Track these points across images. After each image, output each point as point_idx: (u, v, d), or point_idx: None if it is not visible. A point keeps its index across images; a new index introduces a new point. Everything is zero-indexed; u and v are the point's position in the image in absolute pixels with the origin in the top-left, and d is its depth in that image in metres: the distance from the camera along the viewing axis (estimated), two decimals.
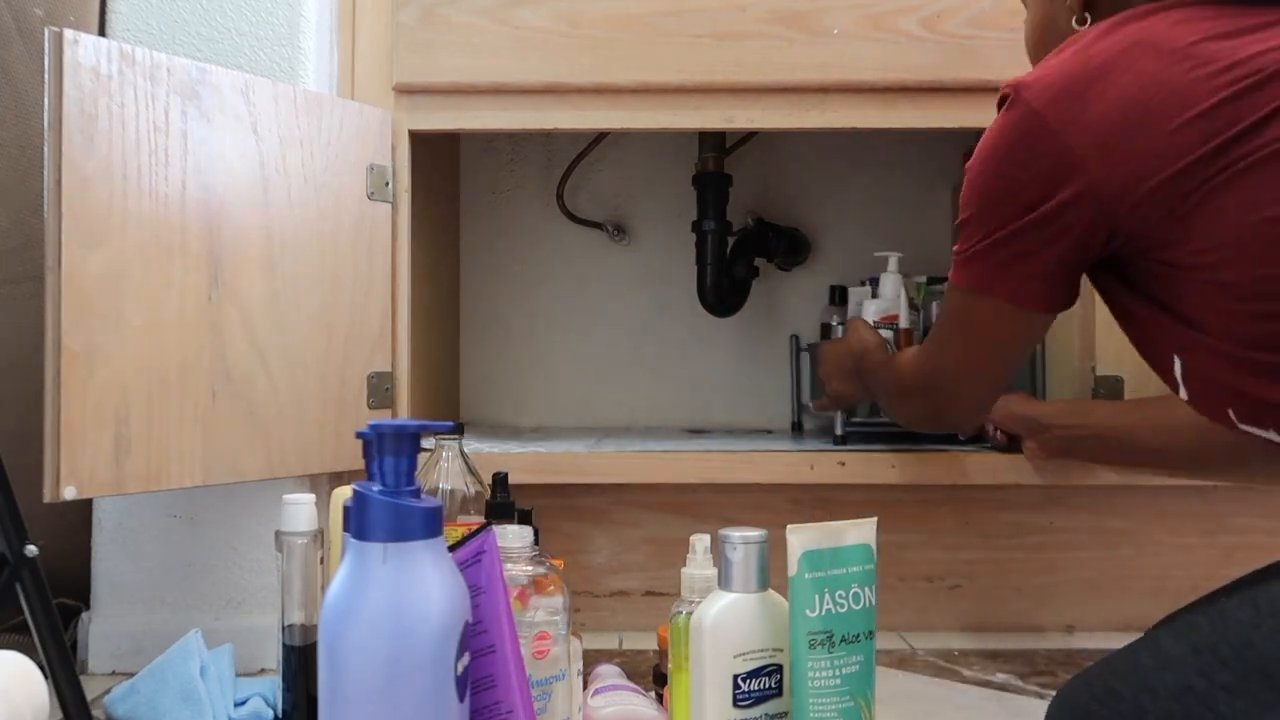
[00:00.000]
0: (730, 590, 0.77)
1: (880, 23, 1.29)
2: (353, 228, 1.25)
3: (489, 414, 1.86)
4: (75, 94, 0.99)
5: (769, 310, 1.86)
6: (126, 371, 1.02)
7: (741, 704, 0.75)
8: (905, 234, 1.81)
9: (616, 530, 1.40)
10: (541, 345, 1.87)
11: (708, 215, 1.75)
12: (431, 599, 0.61)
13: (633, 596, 1.39)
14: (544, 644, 0.80)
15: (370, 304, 1.27)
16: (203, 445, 1.08)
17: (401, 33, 1.30)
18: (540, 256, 1.87)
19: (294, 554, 0.92)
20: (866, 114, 1.31)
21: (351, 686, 0.60)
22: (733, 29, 1.29)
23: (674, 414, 1.84)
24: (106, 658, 1.22)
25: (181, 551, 1.24)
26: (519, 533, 0.85)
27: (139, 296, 1.03)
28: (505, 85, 1.30)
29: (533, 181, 1.87)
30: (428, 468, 1.00)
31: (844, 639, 0.75)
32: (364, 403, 1.26)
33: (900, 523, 1.37)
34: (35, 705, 0.88)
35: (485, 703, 0.70)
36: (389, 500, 0.62)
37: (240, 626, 1.22)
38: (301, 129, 1.19)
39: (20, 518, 0.83)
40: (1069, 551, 1.38)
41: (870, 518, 0.79)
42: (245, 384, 1.12)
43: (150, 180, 1.05)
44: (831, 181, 1.87)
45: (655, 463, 1.33)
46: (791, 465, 1.32)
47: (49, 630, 0.83)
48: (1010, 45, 1.29)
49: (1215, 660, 0.57)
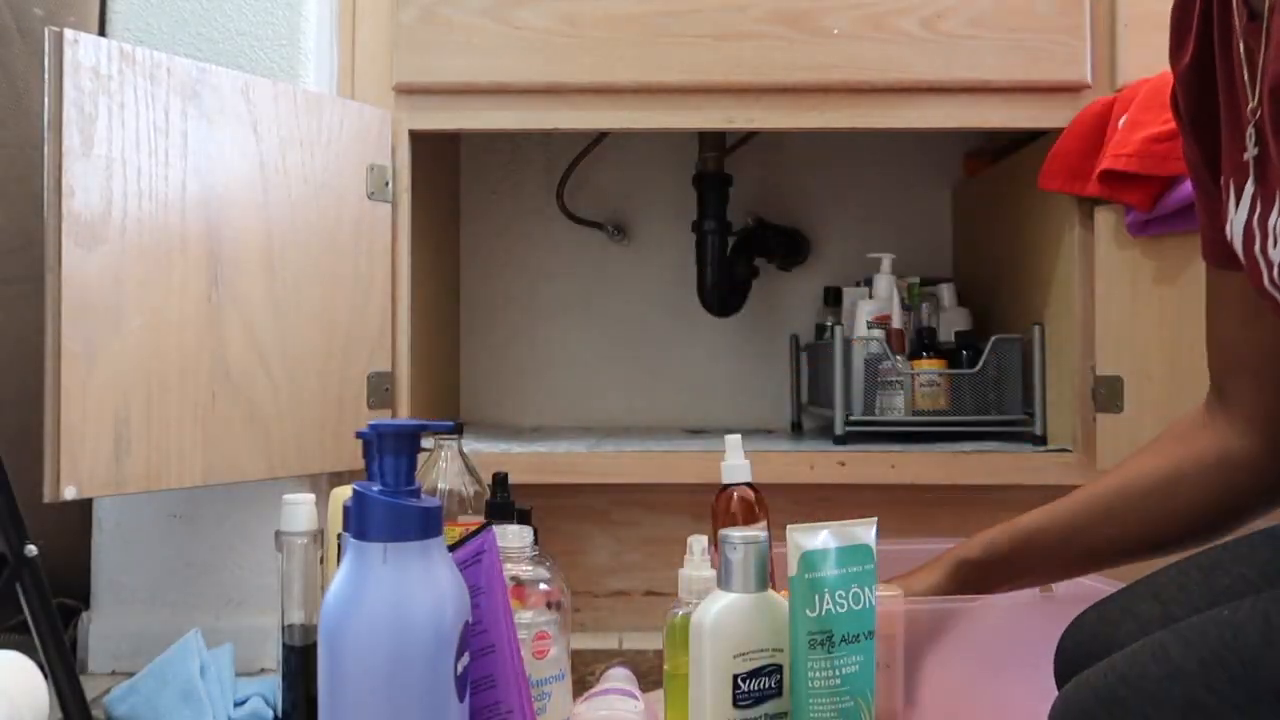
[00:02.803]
0: (730, 590, 0.77)
1: (880, 23, 1.29)
2: (353, 228, 1.25)
3: (489, 414, 1.85)
4: (75, 94, 0.99)
5: (769, 310, 1.86)
6: (126, 371, 1.02)
7: (741, 704, 0.75)
8: (905, 234, 1.81)
9: (616, 530, 1.40)
10: (541, 345, 1.87)
11: (708, 215, 1.75)
12: (431, 599, 0.61)
13: (633, 596, 1.39)
14: (544, 644, 0.81)
15: (370, 304, 1.27)
16: (203, 445, 1.08)
17: (401, 33, 1.30)
18: (540, 256, 1.87)
19: (294, 554, 0.92)
20: (866, 114, 1.31)
21: (351, 686, 0.60)
22: (733, 29, 1.29)
23: (674, 414, 1.84)
24: (106, 658, 1.22)
25: (181, 551, 1.24)
26: (519, 533, 0.85)
27: (139, 297, 1.03)
28: (505, 85, 1.30)
29: (533, 181, 1.87)
30: (427, 468, 1.00)
31: (844, 639, 0.75)
32: (364, 403, 1.26)
33: (900, 523, 1.37)
34: (35, 705, 0.88)
35: (485, 703, 0.70)
36: (389, 500, 0.62)
37: (240, 626, 1.22)
38: (301, 129, 1.19)
39: (20, 518, 0.83)
40: None
41: (870, 518, 0.79)
42: (245, 384, 1.12)
43: (150, 180, 1.04)
44: (831, 181, 1.87)
45: (655, 463, 1.33)
46: (791, 465, 1.32)
47: (49, 630, 0.83)
48: (1010, 45, 1.29)
49: (1225, 676, 0.56)
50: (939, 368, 1.44)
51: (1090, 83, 1.30)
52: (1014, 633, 0.88)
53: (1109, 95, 1.27)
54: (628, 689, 0.96)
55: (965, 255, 1.81)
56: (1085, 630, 0.75)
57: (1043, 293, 1.44)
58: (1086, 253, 1.31)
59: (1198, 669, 0.58)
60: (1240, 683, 0.56)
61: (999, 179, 1.64)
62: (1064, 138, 1.29)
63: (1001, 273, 1.61)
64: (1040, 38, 1.29)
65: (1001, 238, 1.60)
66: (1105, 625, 0.74)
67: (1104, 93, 1.29)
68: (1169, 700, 0.58)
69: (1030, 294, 1.48)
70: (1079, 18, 1.29)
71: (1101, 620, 0.74)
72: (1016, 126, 1.35)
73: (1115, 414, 1.27)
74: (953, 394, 1.43)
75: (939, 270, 1.79)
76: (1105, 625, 0.74)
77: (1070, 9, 1.29)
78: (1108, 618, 0.74)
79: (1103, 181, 1.22)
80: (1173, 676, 0.58)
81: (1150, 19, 1.28)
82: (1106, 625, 0.74)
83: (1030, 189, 1.40)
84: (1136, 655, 0.62)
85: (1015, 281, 1.53)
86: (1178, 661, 0.59)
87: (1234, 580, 0.70)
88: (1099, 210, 1.29)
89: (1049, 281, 1.42)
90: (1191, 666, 0.58)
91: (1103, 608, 0.76)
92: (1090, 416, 1.30)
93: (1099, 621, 0.75)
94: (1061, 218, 1.35)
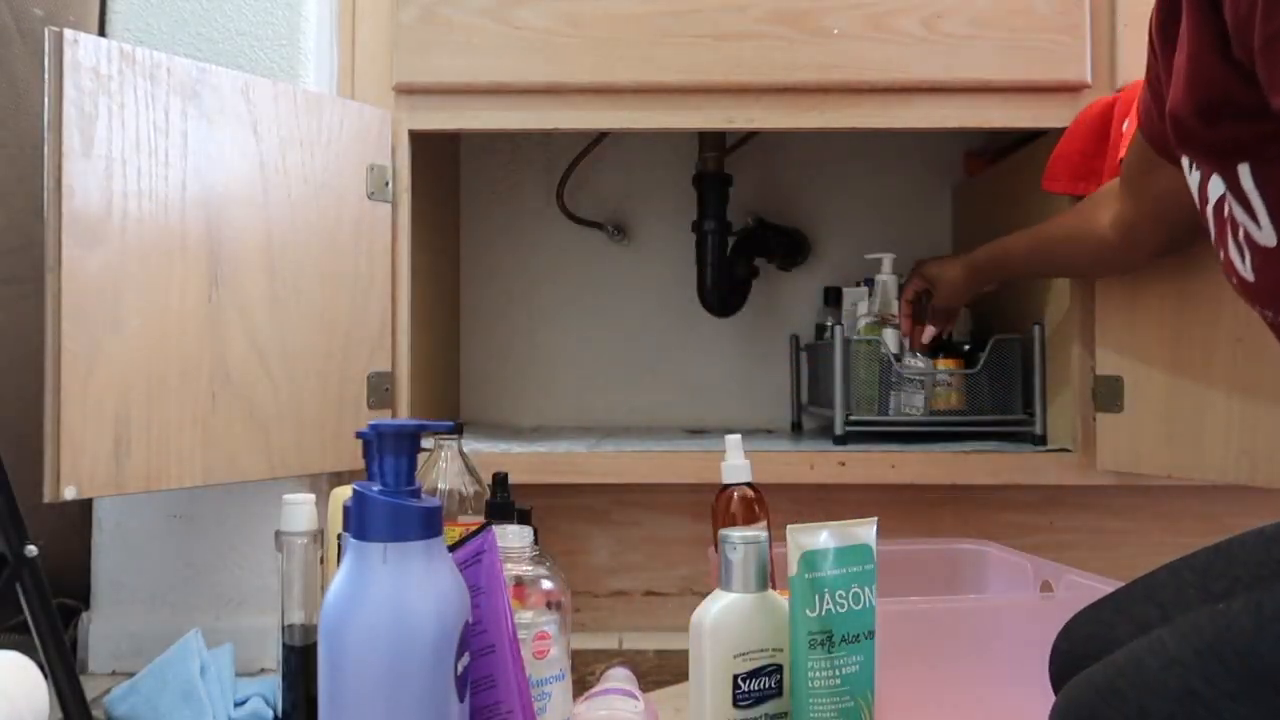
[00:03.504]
0: (730, 590, 0.77)
1: (880, 23, 1.29)
2: (353, 228, 1.25)
3: (489, 414, 1.85)
4: (75, 94, 0.99)
5: (769, 310, 1.86)
6: (126, 372, 1.02)
7: (741, 704, 0.75)
8: (906, 234, 1.81)
9: (616, 530, 1.40)
10: (541, 345, 1.87)
11: (708, 215, 1.75)
12: (431, 599, 0.61)
13: (633, 596, 1.39)
14: (544, 644, 0.81)
15: (370, 304, 1.27)
16: (203, 445, 1.08)
17: (401, 33, 1.30)
18: (540, 256, 1.87)
19: (294, 554, 0.92)
20: (866, 114, 1.31)
21: (351, 686, 0.60)
22: (733, 29, 1.29)
23: (674, 414, 1.84)
24: (106, 658, 1.22)
25: (181, 551, 1.24)
26: (519, 533, 0.85)
27: (139, 297, 1.03)
28: (505, 85, 1.30)
29: (533, 181, 1.87)
30: (427, 468, 1.00)
31: (844, 639, 0.75)
32: (364, 403, 1.26)
33: (900, 523, 1.37)
34: (35, 705, 0.88)
35: (485, 703, 0.70)
36: (389, 500, 0.62)
37: (240, 626, 1.22)
38: (301, 129, 1.19)
39: (20, 518, 0.83)
40: (1069, 551, 1.38)
41: (870, 518, 0.79)
42: (245, 384, 1.12)
43: (150, 180, 1.05)
44: (831, 181, 1.87)
45: (655, 463, 1.33)
46: (791, 465, 1.32)
47: (49, 630, 0.83)
48: (1010, 45, 1.29)
49: (1219, 666, 0.57)
50: (955, 367, 1.44)
51: (1090, 83, 1.30)
52: (1015, 633, 0.88)
53: (1109, 95, 1.27)
54: (628, 689, 0.96)
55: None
56: (1080, 632, 0.76)
57: (1043, 293, 1.44)
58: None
59: (1194, 659, 0.58)
60: (1235, 672, 0.56)
61: (999, 179, 1.64)
62: (1065, 139, 1.29)
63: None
64: (1040, 38, 1.29)
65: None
66: (1100, 627, 0.74)
67: (1104, 93, 1.29)
68: (1166, 690, 0.58)
69: (1030, 294, 1.48)
70: (1079, 18, 1.29)
71: (1097, 622, 0.75)
72: (1016, 126, 1.35)
73: (1115, 414, 1.27)
74: (968, 393, 1.43)
75: None
76: (1100, 627, 0.74)
77: (1070, 9, 1.29)
78: (1103, 620, 0.75)
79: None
80: (1169, 668, 0.59)
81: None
82: (1102, 627, 0.74)
83: (1030, 189, 1.40)
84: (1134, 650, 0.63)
85: (1015, 281, 1.53)
86: (1174, 653, 0.60)
87: (1229, 584, 0.71)
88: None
89: (1049, 281, 1.42)
90: (1188, 657, 0.59)
91: (1097, 610, 0.76)
92: (1090, 416, 1.30)
93: (1094, 623, 0.75)
94: None
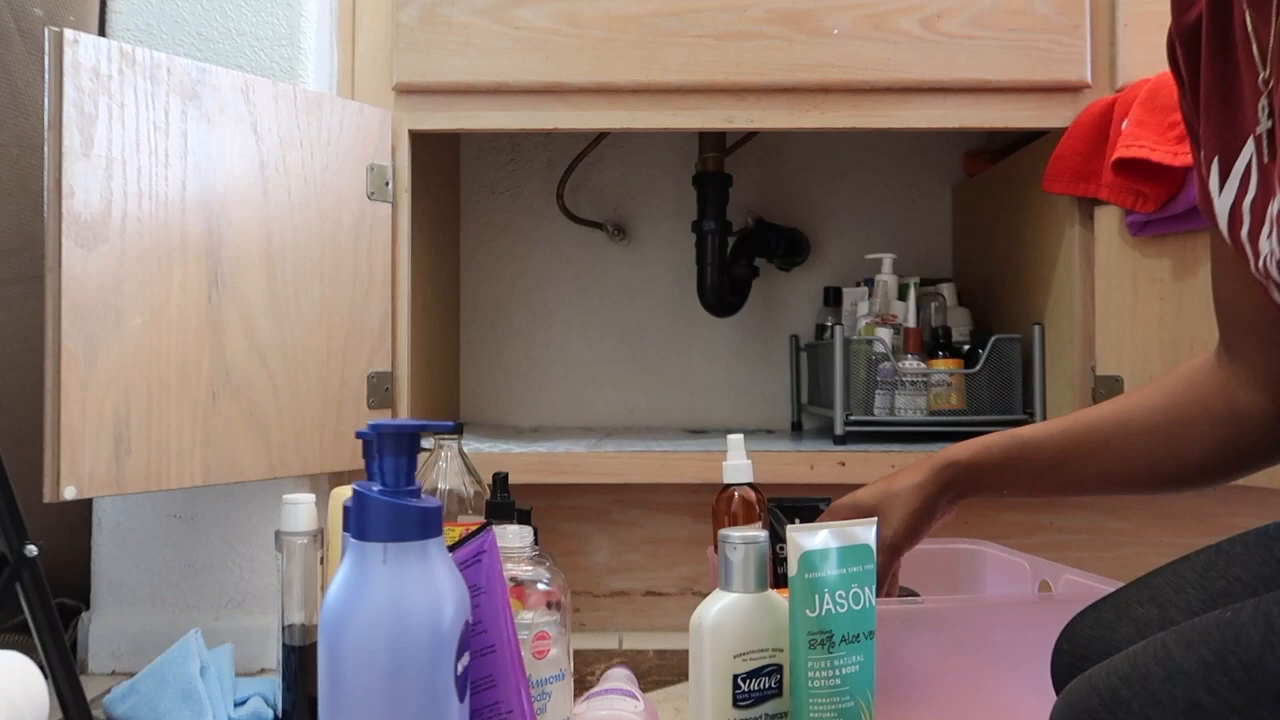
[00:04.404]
0: (730, 590, 0.77)
1: (880, 23, 1.29)
2: (353, 228, 1.25)
3: (489, 414, 1.86)
4: (75, 94, 0.99)
5: (769, 310, 1.86)
6: (126, 371, 1.02)
7: (741, 704, 0.75)
8: (905, 234, 1.81)
9: (616, 530, 1.40)
10: (541, 345, 1.87)
11: (708, 215, 1.75)
12: (431, 599, 0.61)
13: (633, 596, 1.39)
14: (544, 644, 0.81)
15: (370, 304, 1.27)
16: (203, 445, 1.08)
17: (401, 33, 1.30)
18: (540, 256, 1.87)
19: (294, 554, 0.92)
20: (866, 114, 1.31)
21: (351, 686, 0.60)
22: (733, 29, 1.29)
23: (674, 414, 1.84)
24: (106, 658, 1.22)
25: (181, 551, 1.24)
26: (519, 533, 0.85)
27: (139, 296, 1.03)
28: (505, 85, 1.30)
29: (533, 181, 1.87)
30: (427, 468, 1.00)
31: (844, 639, 0.75)
32: (364, 403, 1.26)
33: None
34: (35, 705, 0.88)
35: (485, 703, 0.70)
36: (389, 500, 0.62)
37: (240, 626, 1.22)
38: (301, 129, 1.19)
39: (20, 518, 0.83)
40: (1069, 551, 1.38)
41: (870, 518, 0.79)
42: (245, 384, 1.12)
43: (150, 180, 1.05)
44: (831, 182, 1.87)
45: (655, 463, 1.33)
46: (791, 465, 1.32)
47: (49, 630, 0.83)
48: (1010, 45, 1.29)
49: (1226, 678, 0.57)
50: (955, 367, 1.44)
51: (1090, 83, 1.30)
52: (1014, 633, 0.88)
53: (1109, 95, 1.27)
54: (628, 689, 0.96)
55: (965, 255, 1.81)
56: (1082, 633, 0.75)
57: (1043, 293, 1.44)
58: (1086, 253, 1.31)
59: (1199, 670, 0.58)
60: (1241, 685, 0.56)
61: (999, 179, 1.64)
62: (1066, 140, 1.29)
63: (1001, 273, 1.61)
64: (1040, 38, 1.29)
65: (1002, 237, 1.61)
66: (1101, 628, 0.74)
67: (1104, 93, 1.29)
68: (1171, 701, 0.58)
69: (1030, 294, 1.48)
70: (1079, 18, 1.29)
71: (1098, 623, 0.75)
72: (1017, 126, 1.35)
73: None
74: (967, 393, 1.43)
75: (939, 270, 1.79)
76: (1101, 628, 0.74)
77: (1070, 9, 1.29)
78: (1104, 620, 0.74)
79: (1117, 173, 1.21)
80: (1174, 678, 0.59)
81: (1150, 19, 1.28)
82: (1103, 628, 0.74)
83: (1030, 189, 1.40)
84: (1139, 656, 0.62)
85: (1015, 281, 1.53)
86: (1180, 663, 0.59)
87: (1230, 583, 0.71)
88: (1099, 210, 1.29)
89: (1049, 281, 1.42)
90: (1193, 668, 0.58)
91: (1098, 610, 0.76)
92: None
93: (1095, 624, 0.75)
94: (1062, 217, 1.36)
